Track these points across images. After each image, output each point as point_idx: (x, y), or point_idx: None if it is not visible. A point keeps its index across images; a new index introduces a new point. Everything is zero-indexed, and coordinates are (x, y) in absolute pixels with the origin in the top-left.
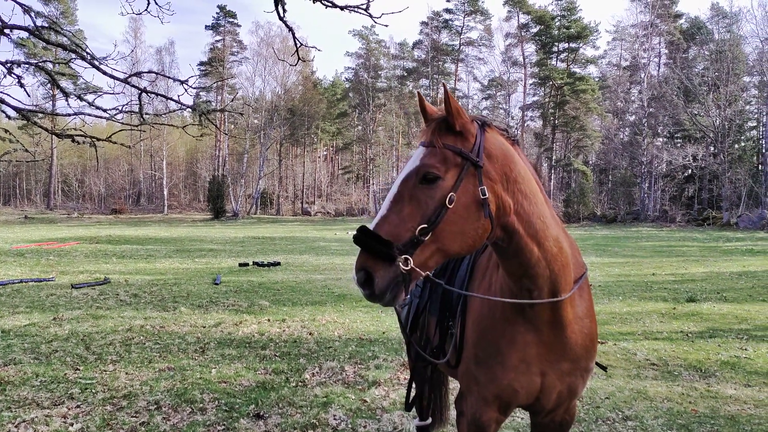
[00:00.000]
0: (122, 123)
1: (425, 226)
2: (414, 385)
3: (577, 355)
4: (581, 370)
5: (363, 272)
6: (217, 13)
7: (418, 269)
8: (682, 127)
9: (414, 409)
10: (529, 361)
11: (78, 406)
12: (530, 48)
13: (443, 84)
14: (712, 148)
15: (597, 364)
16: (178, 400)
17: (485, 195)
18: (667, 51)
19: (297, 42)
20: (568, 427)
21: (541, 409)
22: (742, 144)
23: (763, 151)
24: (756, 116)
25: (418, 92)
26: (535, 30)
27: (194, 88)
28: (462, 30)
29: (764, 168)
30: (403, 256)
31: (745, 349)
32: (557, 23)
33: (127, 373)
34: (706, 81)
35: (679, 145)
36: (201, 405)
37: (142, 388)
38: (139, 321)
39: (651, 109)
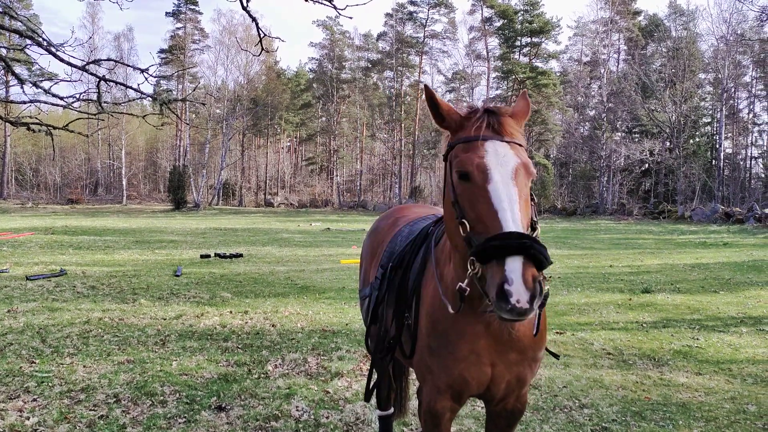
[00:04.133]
0: (79, 111)
1: (535, 220)
2: (374, 376)
3: (525, 346)
4: (529, 360)
5: (538, 283)
6: None
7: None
8: (640, 122)
9: (375, 400)
10: (479, 353)
11: (34, 400)
12: (493, 42)
13: (524, 91)
14: (668, 143)
15: (549, 351)
16: (138, 393)
17: None
18: (626, 47)
19: (261, 32)
20: (520, 414)
21: (492, 398)
22: (697, 139)
23: (717, 146)
24: (710, 112)
25: (426, 86)
26: (498, 24)
27: (155, 77)
28: (426, 22)
29: (718, 163)
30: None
31: (697, 339)
32: (520, 18)
33: (84, 366)
34: (663, 77)
35: (636, 139)
36: (161, 398)
37: (101, 381)
38: (97, 313)
39: (610, 105)
